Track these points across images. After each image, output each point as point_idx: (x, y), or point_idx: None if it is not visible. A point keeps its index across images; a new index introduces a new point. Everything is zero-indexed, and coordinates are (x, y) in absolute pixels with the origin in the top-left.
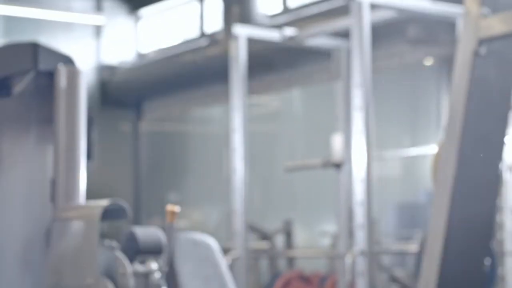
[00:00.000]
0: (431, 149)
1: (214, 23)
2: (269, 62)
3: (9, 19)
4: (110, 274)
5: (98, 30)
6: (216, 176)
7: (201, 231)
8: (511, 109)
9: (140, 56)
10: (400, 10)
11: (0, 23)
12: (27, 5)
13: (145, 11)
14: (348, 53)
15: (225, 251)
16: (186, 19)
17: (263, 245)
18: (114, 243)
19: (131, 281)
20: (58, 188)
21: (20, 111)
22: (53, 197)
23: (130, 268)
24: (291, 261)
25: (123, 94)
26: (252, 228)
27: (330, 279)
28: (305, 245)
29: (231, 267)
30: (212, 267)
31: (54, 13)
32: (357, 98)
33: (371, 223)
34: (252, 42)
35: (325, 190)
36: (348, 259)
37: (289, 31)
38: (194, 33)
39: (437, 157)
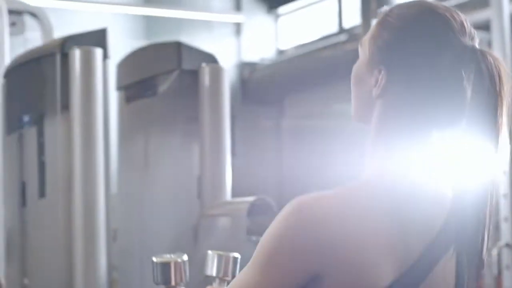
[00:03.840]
0: None
1: (352, 18)
2: None
3: (150, 20)
4: None
5: (238, 28)
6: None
7: None
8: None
9: (280, 52)
10: None
11: (142, 24)
12: (168, 6)
13: (284, 9)
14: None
15: None
16: (325, 15)
17: None
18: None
19: None
20: (204, 185)
21: (166, 110)
22: (199, 194)
23: None
24: None
25: (264, 91)
26: None
27: None
28: None
29: None
30: None
31: (195, 13)
32: None
33: None
34: None
35: None
36: (493, 252)
37: None
38: (332, 28)
39: None
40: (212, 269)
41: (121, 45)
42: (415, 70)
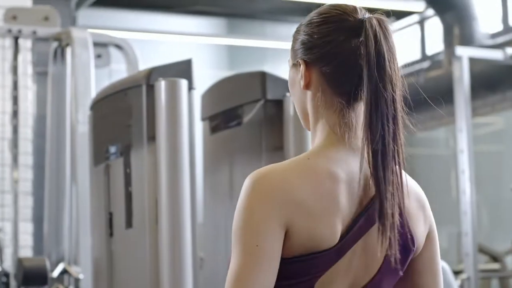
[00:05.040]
0: None
1: (436, 45)
2: (492, 82)
3: (234, 50)
4: None
5: None
6: (444, 198)
7: None
8: None
9: None
10: None
11: (226, 54)
12: (252, 36)
13: None
14: None
15: (455, 273)
16: (407, 42)
17: (494, 266)
18: None
19: None
20: None
21: (250, 140)
22: None
23: None
24: None
25: None
26: (482, 250)
27: None
28: None
29: None
30: None
31: (278, 43)
32: None
33: None
34: (474, 62)
35: None
36: None
37: (511, 50)
38: (415, 55)
39: None
40: None
41: (206, 75)
42: (322, 55)
